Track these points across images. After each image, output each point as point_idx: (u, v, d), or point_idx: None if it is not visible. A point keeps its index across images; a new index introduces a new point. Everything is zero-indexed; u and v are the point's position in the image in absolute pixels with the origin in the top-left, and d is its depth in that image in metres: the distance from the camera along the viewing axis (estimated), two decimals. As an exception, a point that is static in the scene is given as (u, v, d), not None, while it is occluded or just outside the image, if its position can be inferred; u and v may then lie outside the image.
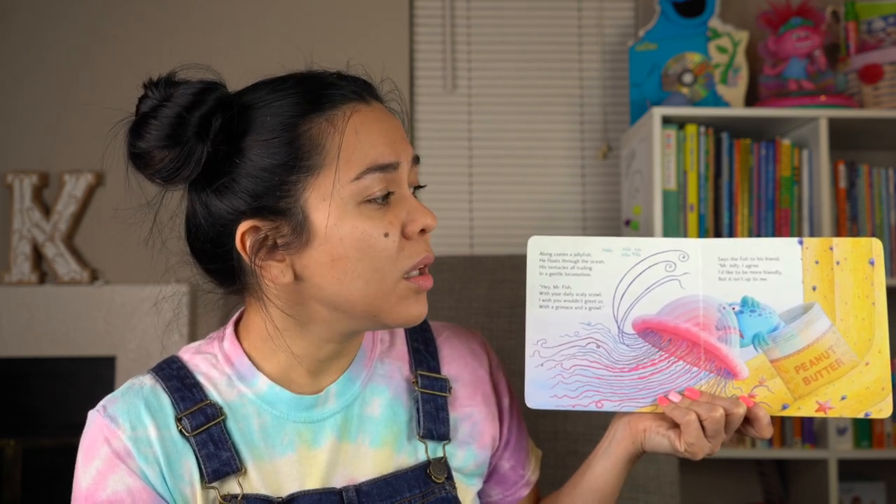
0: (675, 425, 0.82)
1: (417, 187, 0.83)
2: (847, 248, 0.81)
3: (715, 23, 2.12)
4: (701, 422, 0.79)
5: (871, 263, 0.81)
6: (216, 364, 0.84)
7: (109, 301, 2.16)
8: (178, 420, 0.80)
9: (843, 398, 0.81)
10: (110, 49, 2.26)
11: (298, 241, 0.76)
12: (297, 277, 0.77)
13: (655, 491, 1.18)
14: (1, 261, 2.22)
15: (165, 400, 0.80)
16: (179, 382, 0.82)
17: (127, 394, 0.81)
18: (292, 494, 0.80)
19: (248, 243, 0.77)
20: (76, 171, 2.21)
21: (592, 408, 0.84)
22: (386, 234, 0.76)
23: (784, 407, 0.82)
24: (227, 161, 0.76)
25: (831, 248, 0.81)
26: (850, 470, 2.08)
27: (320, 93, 0.78)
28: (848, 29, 2.11)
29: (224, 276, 0.81)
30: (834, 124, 1.95)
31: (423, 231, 0.79)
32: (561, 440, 1.20)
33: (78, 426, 0.82)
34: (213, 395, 0.82)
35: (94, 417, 0.80)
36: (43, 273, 2.20)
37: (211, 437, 0.79)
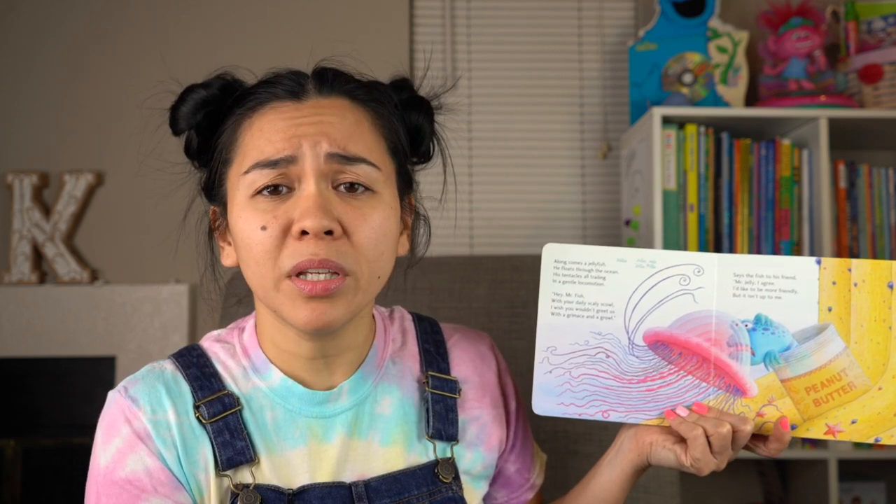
0: (681, 439, 0.82)
1: (360, 186, 0.78)
2: (866, 270, 0.80)
3: (715, 23, 2.12)
4: (707, 437, 0.79)
5: (891, 287, 0.79)
6: (234, 355, 0.85)
7: (109, 301, 2.16)
8: (196, 408, 0.81)
9: (853, 422, 0.80)
10: (110, 49, 2.26)
11: (228, 228, 0.83)
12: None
13: (655, 491, 1.18)
14: (1, 261, 2.22)
15: (185, 387, 0.82)
16: (199, 371, 0.83)
17: (148, 376, 0.82)
18: (303, 486, 0.81)
19: (215, 224, 0.86)
20: (76, 171, 2.20)
21: (599, 417, 0.84)
22: (263, 228, 0.75)
23: (792, 427, 0.81)
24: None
25: (850, 270, 0.80)
26: (850, 470, 2.08)
27: (253, 92, 0.82)
28: (848, 29, 2.11)
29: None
30: (834, 124, 1.94)
31: (305, 233, 0.74)
32: (561, 440, 1.20)
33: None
34: (231, 385, 0.83)
35: (115, 398, 0.81)
36: (43, 273, 2.20)
37: (227, 426, 0.80)
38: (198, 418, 0.80)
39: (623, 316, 0.83)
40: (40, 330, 2.15)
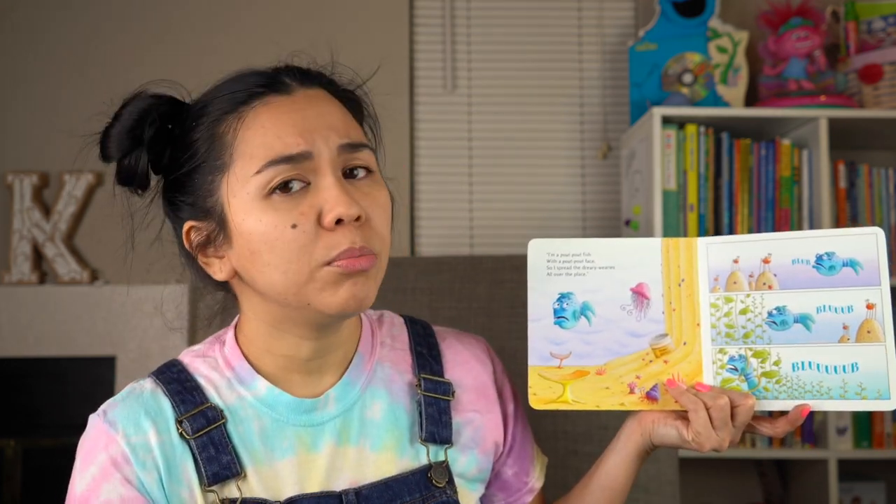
0: (681, 416, 0.84)
1: (361, 170, 0.79)
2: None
3: (715, 23, 2.12)
4: (708, 411, 0.80)
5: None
6: (217, 367, 0.84)
7: (109, 301, 2.16)
8: (179, 423, 0.79)
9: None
10: (110, 49, 2.26)
11: (224, 238, 0.78)
12: (238, 274, 0.79)
13: (655, 491, 1.18)
14: (1, 261, 2.22)
15: (165, 403, 0.81)
16: (180, 385, 0.82)
17: (127, 399, 0.81)
18: (291, 498, 0.80)
19: (193, 242, 0.80)
20: (76, 171, 2.21)
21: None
22: (294, 226, 0.74)
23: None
24: (174, 166, 0.81)
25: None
26: (850, 470, 2.08)
27: (236, 93, 0.79)
28: (848, 29, 2.11)
29: (200, 273, 0.84)
30: (834, 124, 1.95)
31: (340, 221, 0.75)
32: (561, 440, 1.20)
33: (78, 426, 0.82)
34: (214, 397, 0.82)
35: (94, 422, 0.80)
36: (43, 273, 2.20)
37: (212, 441, 0.79)
38: (181, 434, 0.79)
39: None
40: (40, 330, 2.15)
